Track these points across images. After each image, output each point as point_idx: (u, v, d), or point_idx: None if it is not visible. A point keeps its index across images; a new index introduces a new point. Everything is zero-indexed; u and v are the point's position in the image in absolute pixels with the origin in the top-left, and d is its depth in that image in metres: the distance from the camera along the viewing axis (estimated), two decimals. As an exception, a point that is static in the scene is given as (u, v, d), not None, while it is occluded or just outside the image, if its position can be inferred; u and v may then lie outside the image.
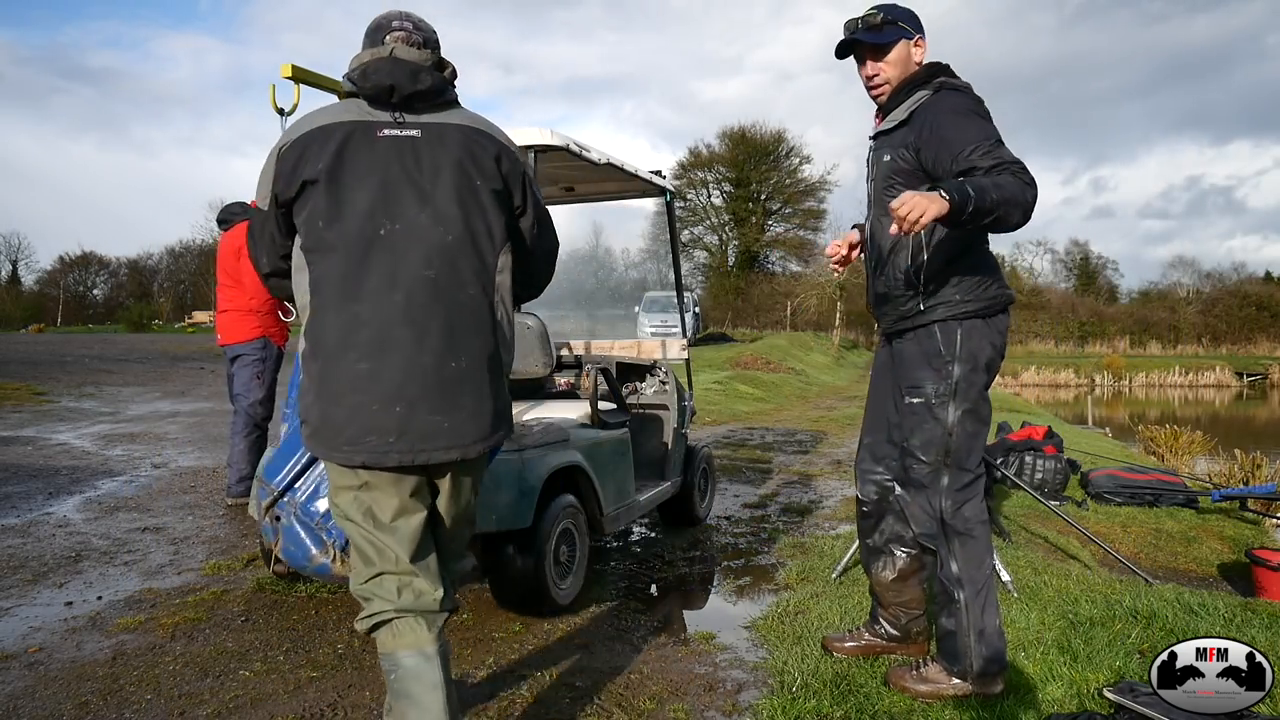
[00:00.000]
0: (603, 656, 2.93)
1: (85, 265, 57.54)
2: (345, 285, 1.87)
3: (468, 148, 1.95)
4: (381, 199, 1.88)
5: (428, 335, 1.87)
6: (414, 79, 1.92)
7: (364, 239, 1.87)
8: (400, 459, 1.86)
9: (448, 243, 1.91)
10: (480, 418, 1.93)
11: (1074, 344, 42.49)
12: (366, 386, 1.85)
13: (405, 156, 1.91)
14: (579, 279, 40.73)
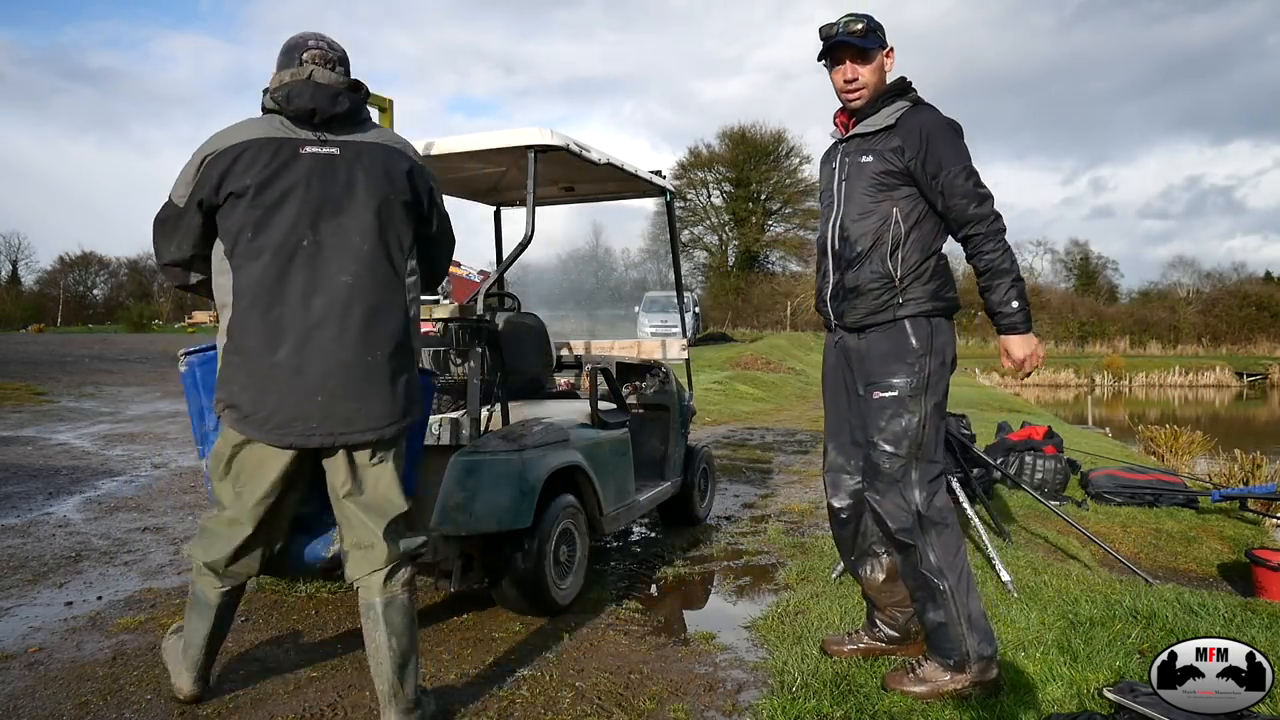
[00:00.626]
0: (603, 656, 2.93)
1: (85, 265, 57.56)
2: (270, 290, 2.12)
3: (383, 164, 2.20)
4: (304, 212, 2.13)
5: (345, 333, 2.13)
6: (334, 102, 2.17)
7: (288, 249, 2.12)
8: (323, 441, 2.15)
9: (364, 251, 2.16)
10: (392, 403, 2.20)
11: (1074, 344, 42.50)
12: (292, 379, 2.12)
13: (326, 173, 2.15)
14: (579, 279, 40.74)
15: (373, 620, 2.25)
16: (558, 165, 3.86)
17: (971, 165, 2.56)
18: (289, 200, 2.12)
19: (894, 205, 2.59)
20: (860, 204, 2.64)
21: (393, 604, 2.26)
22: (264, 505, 2.27)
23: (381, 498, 2.27)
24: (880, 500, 2.63)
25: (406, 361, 2.25)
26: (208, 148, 2.17)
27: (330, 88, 2.16)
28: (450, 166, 3.95)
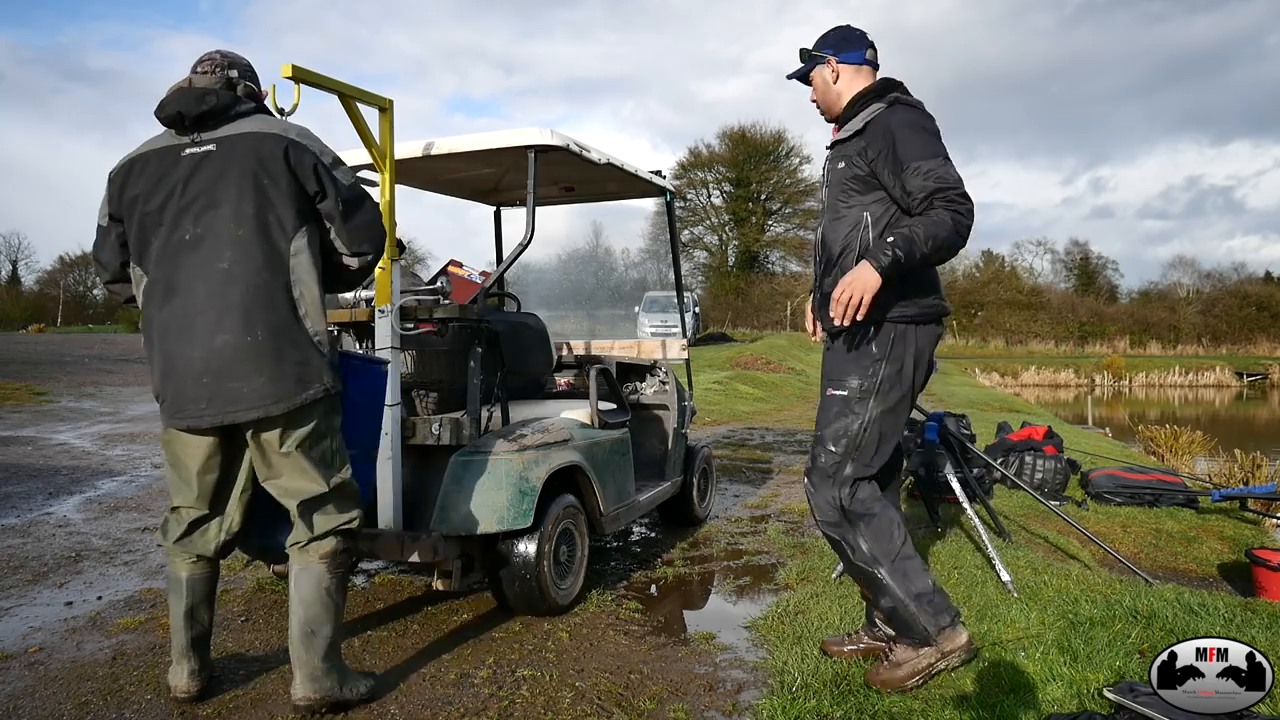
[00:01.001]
0: (603, 656, 2.93)
1: (85, 265, 57.47)
2: (163, 287, 2.28)
3: (255, 150, 2.28)
4: (185, 209, 2.27)
5: (225, 317, 2.23)
6: (199, 102, 2.29)
7: (173, 245, 2.28)
8: (212, 421, 2.27)
9: (239, 236, 2.25)
10: (280, 381, 2.26)
11: (1074, 344, 42.49)
12: (184, 365, 2.26)
13: (203, 170, 2.28)
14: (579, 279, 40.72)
15: (289, 586, 2.43)
16: (558, 165, 3.86)
17: (943, 159, 2.46)
18: (170, 201, 2.28)
19: (864, 210, 2.58)
20: (835, 209, 2.66)
21: (305, 572, 2.39)
22: (202, 486, 2.44)
23: (293, 481, 2.37)
24: (814, 493, 2.70)
25: (294, 339, 2.29)
26: (114, 167, 2.40)
27: (195, 90, 2.31)
28: (450, 167, 3.95)
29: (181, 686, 2.50)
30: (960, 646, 2.63)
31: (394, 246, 3.09)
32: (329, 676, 2.40)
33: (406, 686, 2.67)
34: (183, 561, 2.49)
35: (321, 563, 2.40)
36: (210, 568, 2.54)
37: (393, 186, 3.12)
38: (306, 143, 2.34)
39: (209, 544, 2.50)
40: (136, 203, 2.32)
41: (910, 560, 2.64)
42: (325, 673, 2.39)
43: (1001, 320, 45.04)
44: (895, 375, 2.59)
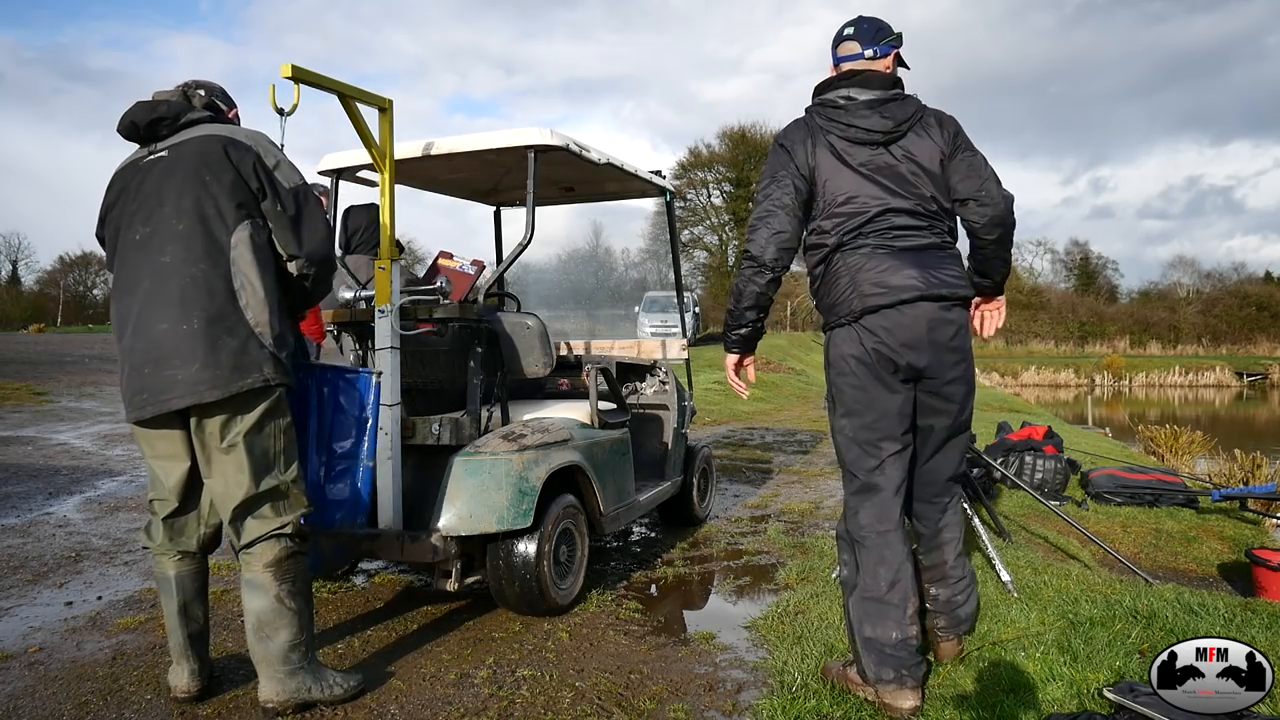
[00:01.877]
0: (603, 656, 2.93)
1: (85, 265, 57.47)
2: (121, 285, 2.38)
3: (200, 151, 2.37)
4: (138, 211, 2.38)
5: (164, 306, 2.29)
6: (151, 110, 2.42)
7: (127, 245, 2.38)
8: (153, 411, 2.30)
9: (179, 230, 2.32)
10: (215, 368, 2.27)
11: (1074, 344, 42.50)
12: (131, 357, 2.33)
13: (154, 173, 2.39)
14: (579, 279, 40.71)
15: (247, 582, 2.42)
16: (558, 165, 3.86)
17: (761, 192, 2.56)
18: (128, 207, 2.40)
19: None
20: None
21: (250, 584, 2.40)
22: (171, 480, 2.46)
23: (226, 480, 2.37)
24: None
25: (231, 328, 2.30)
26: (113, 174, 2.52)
27: (149, 102, 2.45)
28: (450, 167, 3.95)
29: (182, 686, 2.51)
30: (898, 708, 2.39)
31: (394, 246, 3.10)
32: (293, 678, 2.39)
33: (406, 686, 2.67)
34: (168, 559, 2.51)
35: (266, 571, 2.36)
36: (196, 563, 2.55)
37: (392, 186, 3.12)
38: (250, 142, 2.41)
39: (190, 539, 2.52)
40: (110, 210, 2.47)
41: (874, 606, 2.46)
42: (289, 674, 2.39)
43: (1001, 320, 44.95)
44: (835, 378, 2.56)
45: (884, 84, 2.53)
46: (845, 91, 2.51)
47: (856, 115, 2.48)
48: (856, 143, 2.48)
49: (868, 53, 2.56)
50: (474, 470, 3.04)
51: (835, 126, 2.49)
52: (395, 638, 3.08)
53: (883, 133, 2.47)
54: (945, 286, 2.44)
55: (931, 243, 2.48)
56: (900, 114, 2.48)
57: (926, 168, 2.47)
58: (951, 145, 2.50)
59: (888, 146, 2.48)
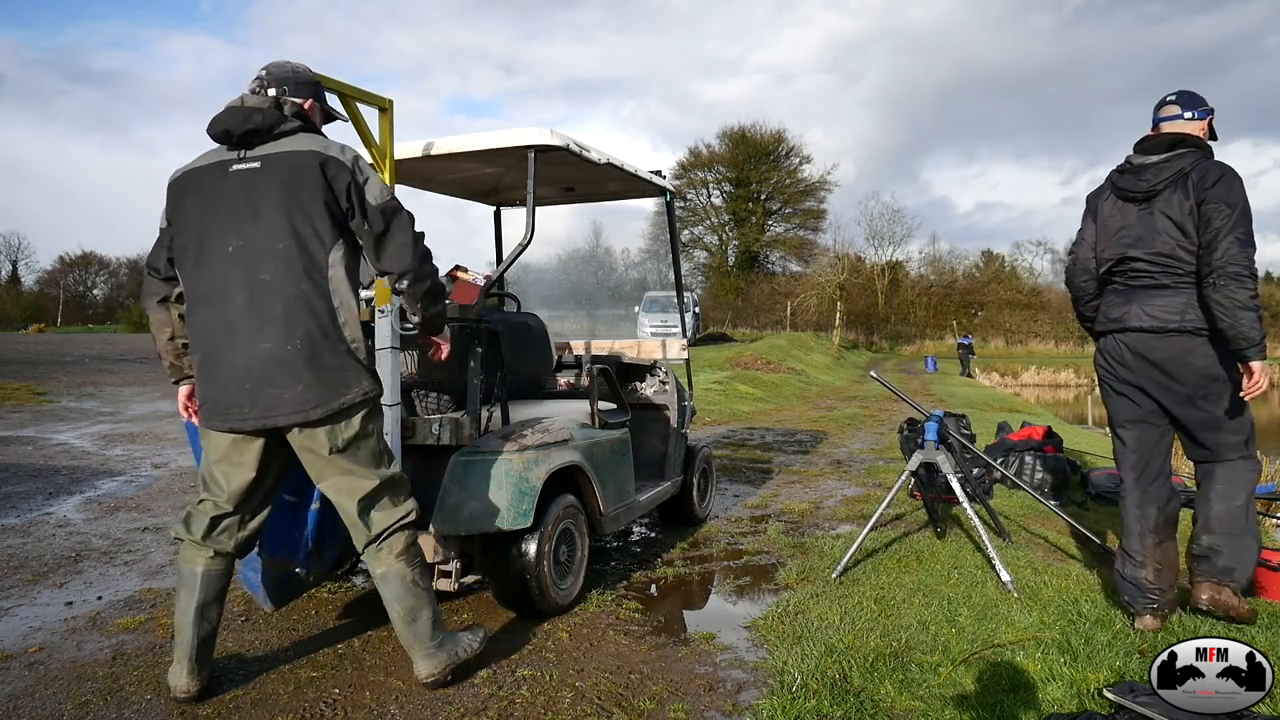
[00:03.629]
0: (603, 656, 2.93)
1: (85, 265, 57.52)
2: (208, 293, 2.38)
3: (294, 167, 2.36)
4: (229, 222, 2.37)
5: (267, 325, 2.33)
6: (246, 119, 2.39)
7: (218, 256, 2.37)
8: (255, 425, 2.37)
9: (279, 249, 2.34)
10: (317, 388, 2.36)
11: (1074, 344, 42.50)
12: (226, 370, 2.36)
13: (247, 185, 2.37)
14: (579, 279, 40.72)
15: (378, 587, 2.57)
16: (558, 165, 3.86)
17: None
18: (217, 214, 2.38)
19: None
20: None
21: (387, 575, 2.54)
22: (235, 485, 2.49)
23: (343, 481, 2.48)
24: None
25: (332, 348, 2.39)
26: (174, 175, 2.50)
27: (243, 109, 2.41)
28: (450, 167, 3.95)
29: (181, 686, 2.51)
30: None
31: None
32: (442, 649, 2.60)
33: (406, 686, 2.67)
34: (200, 555, 2.53)
35: (399, 561, 2.54)
36: (226, 564, 2.58)
37: (393, 186, 3.12)
38: (344, 159, 2.41)
39: (229, 540, 2.56)
40: (188, 213, 2.42)
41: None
42: (438, 648, 2.59)
43: (1001, 320, 45.08)
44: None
45: (1163, 145, 3.07)
46: (1131, 156, 3.18)
47: (1125, 178, 3.14)
48: (1125, 200, 3.13)
49: (1187, 114, 3.12)
50: (473, 470, 3.04)
51: (1113, 187, 3.20)
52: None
53: (1141, 193, 3.06)
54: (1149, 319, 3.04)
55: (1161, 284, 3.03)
56: (1160, 175, 3.02)
57: (1176, 220, 2.96)
58: (1199, 199, 2.92)
59: (1146, 202, 3.05)
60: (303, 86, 2.55)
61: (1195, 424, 3.09)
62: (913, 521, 4.84)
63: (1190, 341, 2.98)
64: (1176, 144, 3.04)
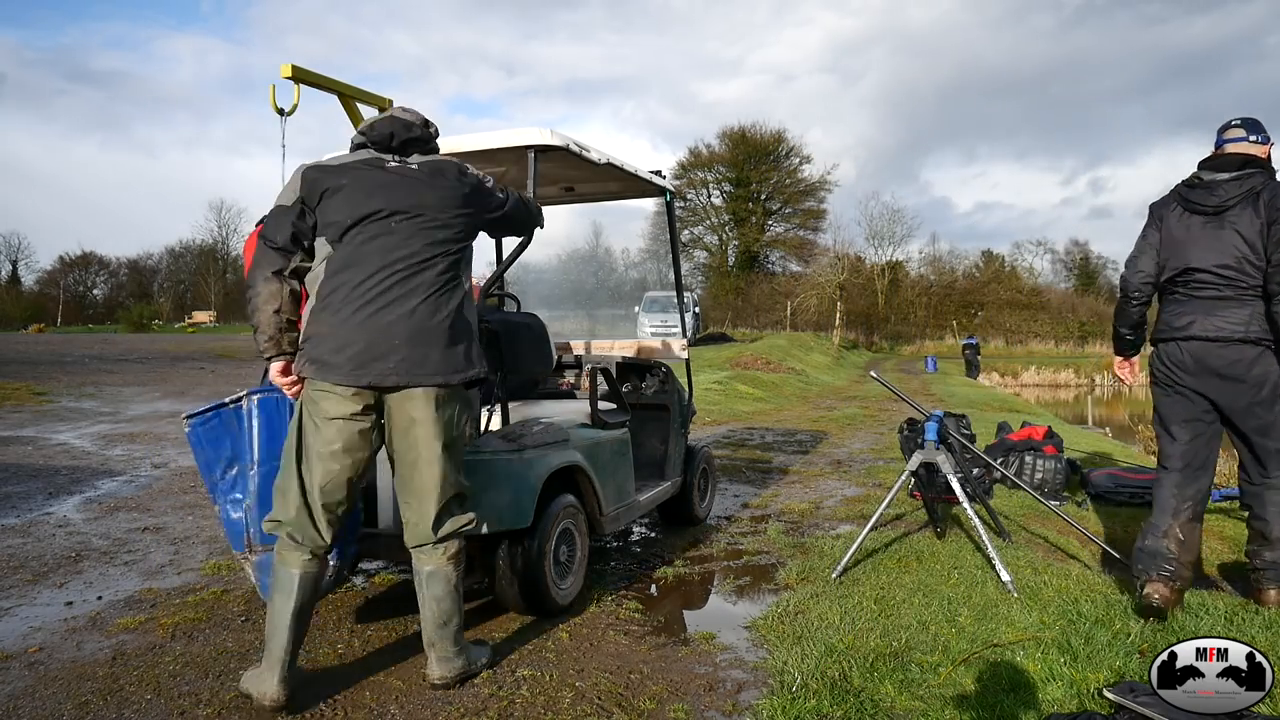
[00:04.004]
0: (603, 656, 2.93)
1: (85, 265, 57.52)
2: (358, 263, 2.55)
3: (445, 172, 2.69)
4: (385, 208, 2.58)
5: (414, 296, 2.55)
6: (408, 129, 2.69)
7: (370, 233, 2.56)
8: (397, 380, 2.52)
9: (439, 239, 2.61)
10: (458, 358, 2.61)
11: (1074, 344, 42.49)
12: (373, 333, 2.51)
13: (409, 180, 2.63)
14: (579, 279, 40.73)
15: (419, 584, 2.67)
16: (558, 165, 3.86)
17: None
18: (376, 198, 2.59)
19: None
20: None
21: (435, 575, 2.66)
22: (348, 473, 2.57)
23: (429, 479, 2.61)
24: None
25: (465, 329, 2.68)
26: (306, 166, 2.69)
27: (405, 120, 2.72)
28: (450, 166, 3.94)
29: (271, 694, 2.46)
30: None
31: None
32: (459, 656, 2.68)
33: (406, 687, 2.67)
34: (297, 557, 2.55)
35: (450, 563, 2.66)
36: (320, 564, 2.61)
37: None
38: (476, 174, 2.79)
39: (325, 537, 2.57)
40: (340, 191, 2.60)
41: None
42: (456, 654, 2.67)
43: (1001, 320, 45.06)
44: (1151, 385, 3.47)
45: (1233, 164, 3.20)
46: (1200, 172, 3.28)
47: (1196, 192, 3.26)
48: (1193, 213, 3.25)
49: (1252, 138, 3.27)
50: (473, 471, 3.04)
51: (1182, 200, 3.29)
52: (395, 638, 3.08)
53: (1212, 207, 3.19)
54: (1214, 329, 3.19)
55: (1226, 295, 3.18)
56: (1232, 191, 3.16)
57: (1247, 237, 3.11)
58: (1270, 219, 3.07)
59: (1217, 216, 3.18)
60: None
61: (1251, 429, 3.25)
62: (913, 521, 4.84)
63: (1252, 350, 3.15)
64: (1246, 164, 3.19)
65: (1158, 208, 3.40)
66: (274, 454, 2.89)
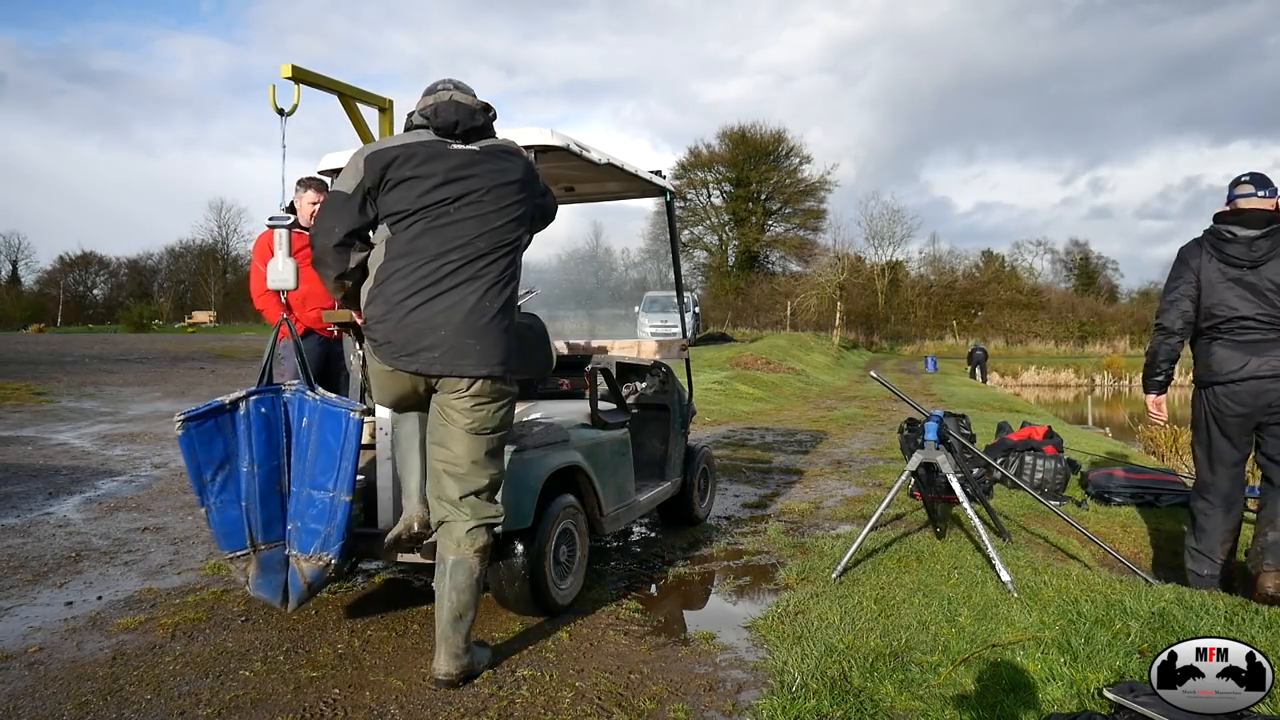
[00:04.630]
0: (603, 656, 2.93)
1: (85, 265, 57.49)
2: (417, 249, 2.60)
3: (510, 161, 2.71)
4: (447, 195, 2.61)
5: (468, 284, 2.60)
6: (472, 116, 2.70)
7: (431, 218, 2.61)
8: (442, 370, 2.59)
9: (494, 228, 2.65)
10: (505, 350, 2.66)
11: (1074, 344, 42.50)
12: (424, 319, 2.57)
13: (465, 166, 2.64)
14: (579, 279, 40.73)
15: (440, 572, 2.67)
16: (559, 165, 3.86)
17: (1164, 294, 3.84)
18: (440, 185, 2.62)
19: None
20: None
21: (460, 564, 2.66)
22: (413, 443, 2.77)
23: (465, 465, 2.66)
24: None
25: (513, 321, 2.72)
26: (366, 150, 2.69)
27: (468, 106, 2.71)
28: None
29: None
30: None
31: None
32: (467, 654, 2.69)
33: (406, 686, 2.67)
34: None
35: (475, 556, 2.67)
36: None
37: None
38: (530, 162, 2.81)
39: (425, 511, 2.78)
40: (404, 180, 2.64)
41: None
42: (464, 650, 2.68)
43: (1001, 320, 45.05)
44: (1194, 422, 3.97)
45: (1260, 222, 3.54)
46: (1229, 227, 3.60)
47: (1232, 246, 3.57)
48: (1230, 265, 3.58)
49: (1260, 193, 3.59)
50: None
51: (1217, 252, 3.61)
52: (395, 637, 3.08)
53: (1249, 261, 3.54)
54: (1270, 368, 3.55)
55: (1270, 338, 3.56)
56: (1264, 248, 3.51)
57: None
58: None
59: (1253, 269, 3.54)
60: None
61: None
62: (913, 521, 4.84)
63: None
64: (1270, 220, 3.55)
65: (1190, 256, 3.70)
66: (273, 454, 2.89)
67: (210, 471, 2.84)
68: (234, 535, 2.88)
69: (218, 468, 2.86)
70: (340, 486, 2.82)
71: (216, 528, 2.88)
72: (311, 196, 4.45)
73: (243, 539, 2.88)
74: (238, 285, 51.35)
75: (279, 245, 2.92)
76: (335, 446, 2.81)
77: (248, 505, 2.87)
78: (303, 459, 2.89)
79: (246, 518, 2.87)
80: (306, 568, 2.90)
